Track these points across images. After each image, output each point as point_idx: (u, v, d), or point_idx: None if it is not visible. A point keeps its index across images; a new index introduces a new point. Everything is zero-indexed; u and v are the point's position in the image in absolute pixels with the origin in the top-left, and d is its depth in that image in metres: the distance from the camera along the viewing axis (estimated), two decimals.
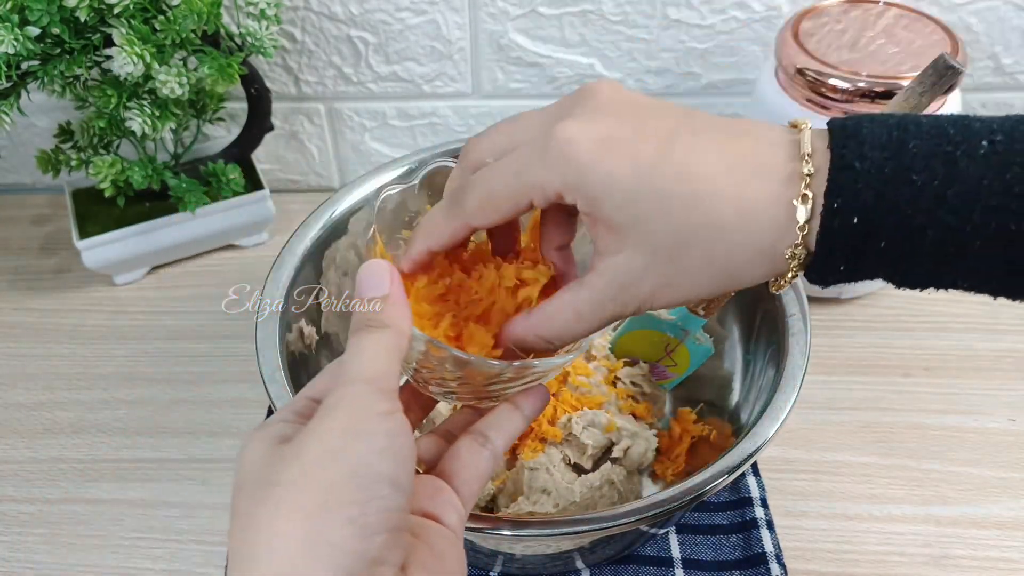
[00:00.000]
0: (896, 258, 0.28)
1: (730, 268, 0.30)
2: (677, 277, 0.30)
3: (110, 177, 0.65)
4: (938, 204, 0.26)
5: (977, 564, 0.51)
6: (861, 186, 0.27)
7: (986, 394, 0.61)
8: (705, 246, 0.29)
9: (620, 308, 0.32)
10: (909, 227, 0.27)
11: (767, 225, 0.28)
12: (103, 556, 0.53)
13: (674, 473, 0.53)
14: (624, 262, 0.30)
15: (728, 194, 0.28)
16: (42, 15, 0.55)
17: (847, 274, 0.29)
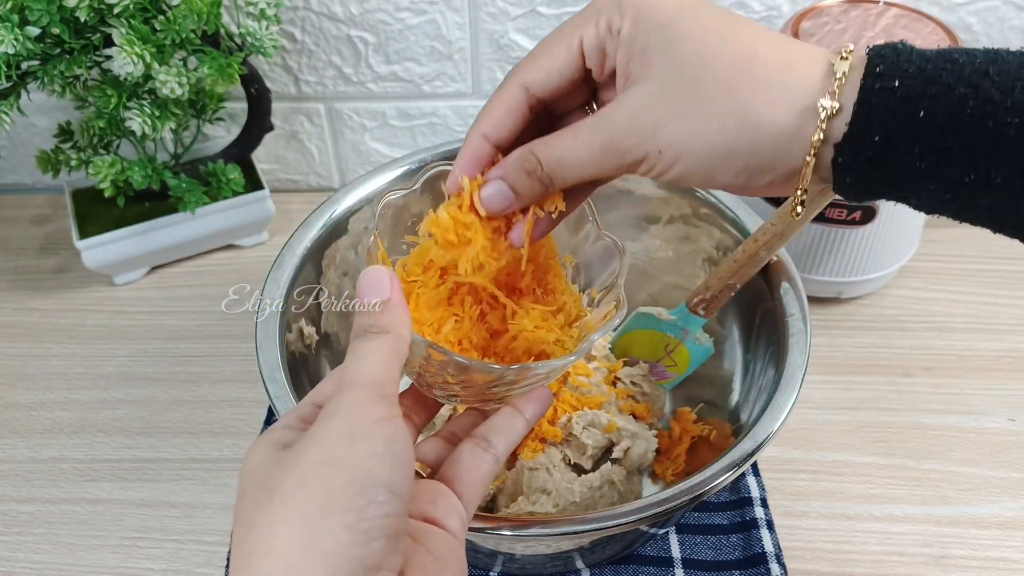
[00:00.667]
0: (933, 137, 0.27)
1: (755, 121, 0.29)
2: (690, 111, 0.30)
3: (110, 177, 0.65)
4: (981, 77, 0.27)
5: (977, 564, 0.51)
6: (903, 60, 0.27)
7: (986, 394, 0.61)
8: (729, 81, 0.29)
9: (630, 139, 0.31)
10: (950, 98, 0.27)
11: (802, 72, 0.29)
12: (103, 556, 0.53)
13: (674, 473, 0.53)
14: (644, 88, 0.30)
15: (768, 49, 0.29)
16: (42, 15, 0.55)
17: (878, 159, 0.28)
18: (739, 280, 0.50)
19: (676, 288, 0.59)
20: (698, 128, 0.30)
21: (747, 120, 0.29)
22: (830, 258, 0.63)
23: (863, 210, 0.59)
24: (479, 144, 0.34)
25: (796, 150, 0.29)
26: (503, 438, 0.35)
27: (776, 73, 0.29)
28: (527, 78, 0.33)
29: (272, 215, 0.73)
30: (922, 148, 0.28)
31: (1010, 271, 0.70)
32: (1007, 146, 0.27)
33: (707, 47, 0.29)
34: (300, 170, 0.81)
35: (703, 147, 0.30)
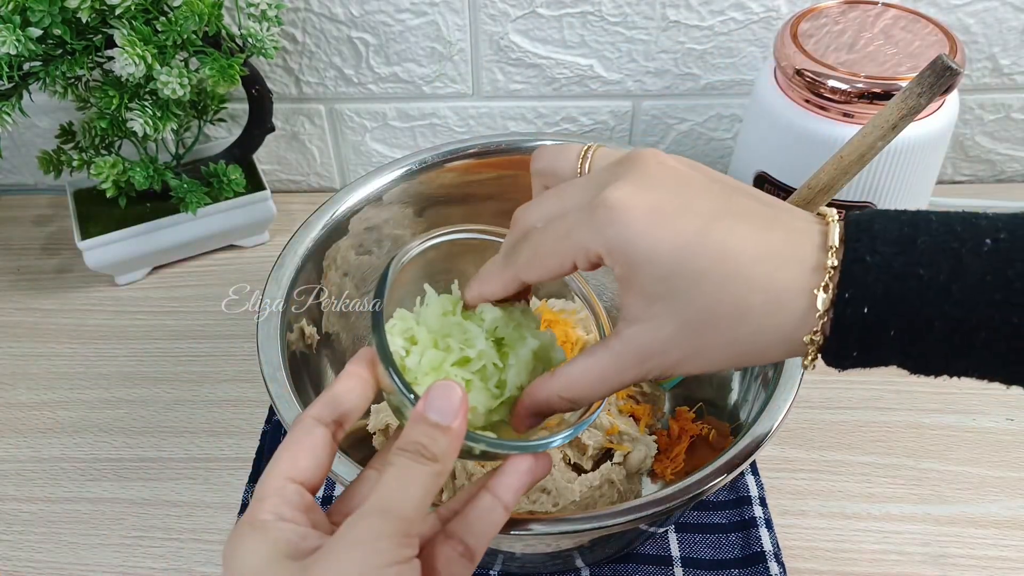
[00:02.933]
0: (906, 347, 0.29)
1: (752, 349, 0.31)
2: (701, 351, 0.31)
3: (112, 178, 0.65)
4: (944, 298, 0.27)
5: (975, 563, 0.51)
6: (871, 279, 0.28)
7: (984, 393, 0.61)
8: (732, 326, 0.30)
9: (642, 374, 0.32)
10: (917, 319, 0.28)
11: (791, 313, 0.30)
12: (104, 555, 0.54)
13: (673, 472, 0.53)
14: (651, 331, 0.31)
15: (759, 281, 0.30)
16: (44, 16, 0.55)
17: (860, 360, 0.30)
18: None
19: None
20: (708, 361, 0.32)
21: (751, 354, 0.31)
22: None
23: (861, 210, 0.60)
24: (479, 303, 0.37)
25: (790, 356, 0.31)
26: (479, 538, 0.33)
27: (770, 317, 0.30)
28: (522, 273, 0.35)
29: (273, 216, 0.73)
30: (897, 357, 0.30)
31: None
32: (978, 353, 0.28)
33: (706, 299, 0.30)
34: (301, 171, 0.81)
35: (709, 368, 0.32)
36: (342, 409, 0.33)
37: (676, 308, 0.30)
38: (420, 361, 0.35)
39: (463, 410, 0.31)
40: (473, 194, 0.60)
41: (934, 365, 0.30)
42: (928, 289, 0.28)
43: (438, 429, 0.30)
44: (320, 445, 0.32)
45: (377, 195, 0.57)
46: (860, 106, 0.54)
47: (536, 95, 0.74)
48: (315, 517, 0.31)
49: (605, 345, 0.33)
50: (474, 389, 0.35)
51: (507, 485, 0.33)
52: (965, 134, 0.75)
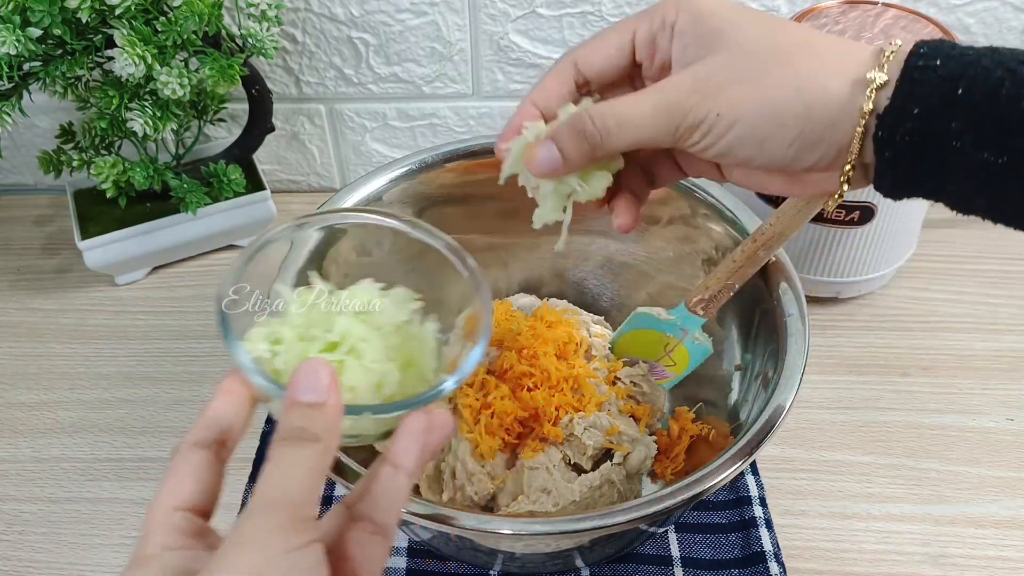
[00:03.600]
0: (970, 112, 0.29)
1: (806, 79, 0.31)
2: (752, 73, 0.32)
3: (112, 178, 0.65)
4: (1018, 64, 0.28)
5: (975, 563, 0.51)
6: (947, 46, 0.29)
7: (984, 394, 0.61)
8: (794, 54, 0.31)
9: (692, 105, 0.32)
10: (988, 79, 0.28)
11: (854, 53, 0.31)
12: (105, 555, 0.54)
13: (673, 472, 0.53)
14: (707, 60, 0.32)
15: (820, 35, 0.32)
16: (44, 16, 0.55)
17: (920, 125, 0.30)
18: (738, 280, 0.50)
19: (675, 288, 0.59)
20: (758, 91, 0.32)
21: (804, 85, 0.31)
22: (829, 258, 0.63)
23: (861, 210, 0.60)
24: (527, 110, 0.37)
25: (846, 121, 0.31)
26: (386, 512, 0.31)
27: (831, 50, 0.31)
28: (579, 55, 0.35)
29: (273, 216, 0.73)
30: (959, 125, 0.29)
31: (1008, 271, 0.70)
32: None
33: (768, 30, 0.32)
34: (301, 171, 0.81)
35: (760, 110, 0.32)
36: (220, 428, 0.31)
37: (734, 38, 0.31)
38: (288, 358, 0.33)
39: (334, 384, 0.29)
40: (473, 194, 0.60)
41: (989, 153, 0.29)
42: (1002, 56, 0.29)
43: (312, 408, 0.28)
44: (203, 468, 0.30)
45: (377, 195, 0.57)
46: None
47: None
48: (212, 540, 0.30)
49: (658, 84, 0.33)
50: (348, 369, 0.33)
51: (404, 449, 0.31)
52: None
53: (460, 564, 0.51)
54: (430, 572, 0.51)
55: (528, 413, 0.52)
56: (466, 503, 0.51)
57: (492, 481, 0.52)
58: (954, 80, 0.29)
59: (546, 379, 0.53)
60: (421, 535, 0.49)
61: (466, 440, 0.52)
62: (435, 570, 0.51)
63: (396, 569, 0.51)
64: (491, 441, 0.52)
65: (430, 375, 0.35)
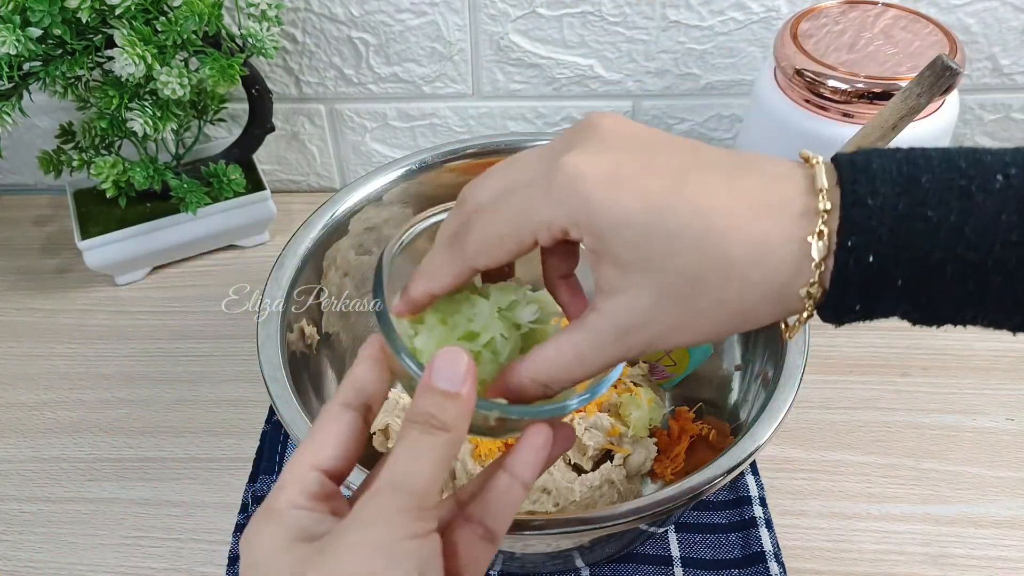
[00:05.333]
0: (914, 296, 0.27)
1: (743, 309, 0.28)
2: (687, 319, 0.29)
3: (112, 178, 0.65)
4: (956, 240, 0.25)
5: (975, 563, 0.51)
6: (875, 223, 0.26)
7: (984, 393, 0.61)
8: (717, 286, 0.28)
9: (624, 351, 0.30)
10: (927, 264, 0.26)
11: (781, 263, 0.27)
12: (104, 555, 0.54)
13: (673, 472, 0.53)
14: (629, 303, 0.29)
15: (741, 231, 0.27)
16: (44, 16, 0.55)
17: (863, 313, 0.28)
18: None
19: None
20: (696, 330, 0.29)
21: (743, 315, 0.29)
22: None
23: None
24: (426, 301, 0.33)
25: (786, 314, 0.29)
26: (498, 519, 0.31)
27: (757, 269, 0.27)
28: (477, 265, 0.32)
29: (273, 216, 0.73)
30: (903, 307, 0.28)
31: None
32: (992, 298, 0.26)
33: (684, 260, 0.28)
34: (301, 171, 0.81)
35: (700, 339, 0.30)
36: (367, 391, 0.32)
37: (653, 274, 0.28)
38: (428, 339, 0.34)
39: (471, 376, 0.29)
40: None
41: (941, 314, 0.28)
42: (938, 231, 0.25)
43: (446, 396, 0.29)
44: (347, 431, 0.31)
45: (377, 195, 0.57)
46: (860, 106, 0.54)
47: (536, 95, 0.74)
48: (336, 505, 0.30)
49: (581, 322, 0.30)
50: (483, 362, 0.34)
51: (523, 461, 0.31)
52: (965, 134, 0.75)
53: None
54: None
55: None
56: None
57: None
58: (891, 270, 0.26)
59: None
60: None
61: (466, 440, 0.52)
62: None
63: None
64: (491, 443, 0.52)
65: None
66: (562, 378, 0.31)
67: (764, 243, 0.27)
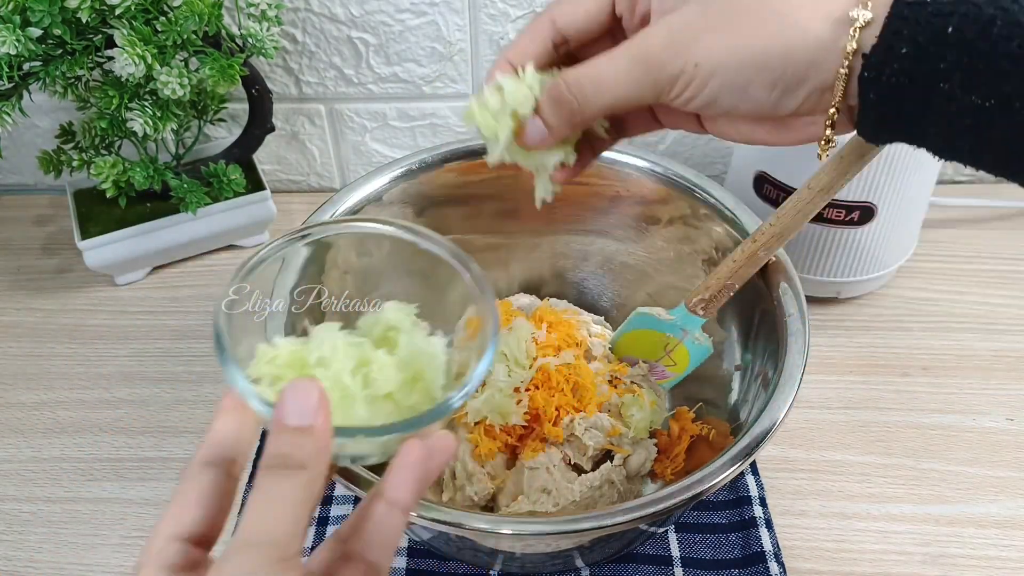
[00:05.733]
0: (960, 52, 0.27)
1: (785, 20, 0.29)
2: (727, 18, 0.30)
3: (112, 178, 0.65)
4: (1010, 2, 0.26)
5: (975, 563, 0.51)
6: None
7: (984, 393, 0.61)
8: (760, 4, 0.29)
9: (660, 72, 0.31)
10: (979, 17, 0.27)
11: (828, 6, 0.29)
12: (104, 555, 0.54)
13: (673, 472, 0.53)
14: (681, 11, 0.31)
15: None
16: (44, 16, 0.55)
17: (908, 65, 0.28)
18: (738, 280, 0.50)
19: (675, 288, 0.59)
20: (734, 37, 0.30)
21: (782, 26, 0.30)
22: (828, 258, 0.63)
23: (861, 210, 0.60)
24: (503, 68, 0.36)
25: (829, 60, 0.29)
26: (380, 550, 0.29)
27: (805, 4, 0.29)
28: (556, 12, 0.34)
29: (273, 216, 0.73)
30: (948, 65, 0.28)
31: (1008, 271, 0.70)
32: None
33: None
34: (301, 171, 0.81)
35: (739, 56, 0.30)
36: (228, 445, 0.30)
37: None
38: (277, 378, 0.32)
39: (323, 405, 0.27)
40: (473, 194, 0.60)
41: (977, 96, 0.28)
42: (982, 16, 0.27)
43: (299, 432, 0.27)
44: (209, 491, 0.29)
45: (377, 195, 0.57)
46: None
47: None
48: (202, 572, 0.28)
49: (628, 41, 0.32)
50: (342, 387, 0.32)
51: (398, 483, 0.29)
52: None
53: (460, 564, 0.51)
54: (430, 572, 0.51)
55: (529, 414, 0.52)
56: (466, 503, 0.51)
57: (492, 481, 0.52)
58: (944, 17, 0.27)
59: (546, 380, 0.53)
60: (421, 535, 0.48)
61: (466, 440, 0.52)
62: (435, 570, 0.51)
63: (396, 569, 0.51)
64: (491, 443, 0.52)
65: (437, 392, 0.33)
66: (607, 81, 0.32)
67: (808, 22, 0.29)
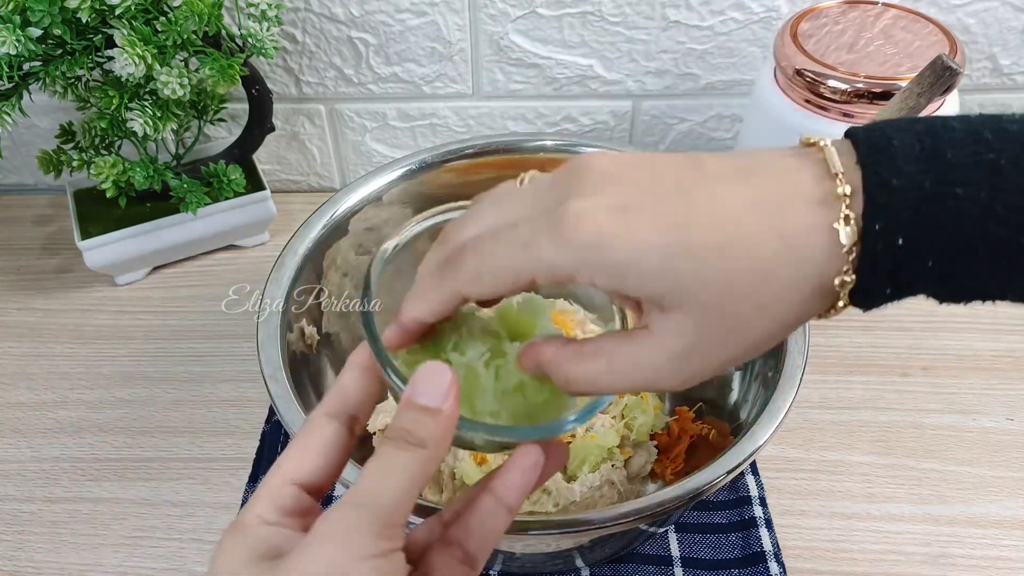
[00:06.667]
0: (945, 276, 0.26)
1: (783, 310, 0.27)
2: (732, 335, 0.27)
3: (112, 178, 0.65)
4: (987, 217, 0.24)
5: (975, 563, 0.51)
6: (901, 205, 0.25)
7: (984, 393, 0.61)
8: (753, 292, 0.26)
9: (690, 375, 0.28)
10: (957, 244, 0.25)
11: (812, 254, 0.26)
12: (104, 555, 0.54)
13: (673, 472, 0.53)
14: (675, 329, 0.27)
15: (764, 231, 0.26)
16: (44, 16, 0.55)
17: (894, 295, 0.27)
18: None
19: None
20: (747, 340, 0.28)
21: (785, 317, 0.28)
22: None
23: None
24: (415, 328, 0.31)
25: (827, 308, 0.29)
26: (480, 544, 0.29)
27: (790, 268, 0.26)
28: (469, 293, 0.30)
29: (273, 216, 0.73)
30: (932, 287, 0.27)
31: None
32: (1022, 275, 0.25)
33: (714, 274, 0.26)
34: (301, 171, 0.81)
35: (754, 350, 0.29)
36: (353, 401, 0.31)
37: (688, 297, 0.27)
38: (416, 353, 0.32)
39: (453, 392, 0.28)
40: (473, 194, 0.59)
41: (971, 290, 0.27)
42: (968, 209, 0.24)
43: (426, 413, 0.28)
44: (330, 442, 0.30)
45: (377, 195, 0.57)
46: (860, 106, 0.54)
47: (536, 95, 0.74)
48: (309, 521, 0.29)
49: (637, 337, 0.28)
50: (474, 379, 0.32)
51: (510, 484, 0.30)
52: None
53: None
54: None
55: None
56: None
57: None
58: (923, 252, 0.25)
59: None
60: None
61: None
62: None
63: None
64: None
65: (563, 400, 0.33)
66: (603, 387, 0.30)
67: (791, 237, 0.26)
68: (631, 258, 0.26)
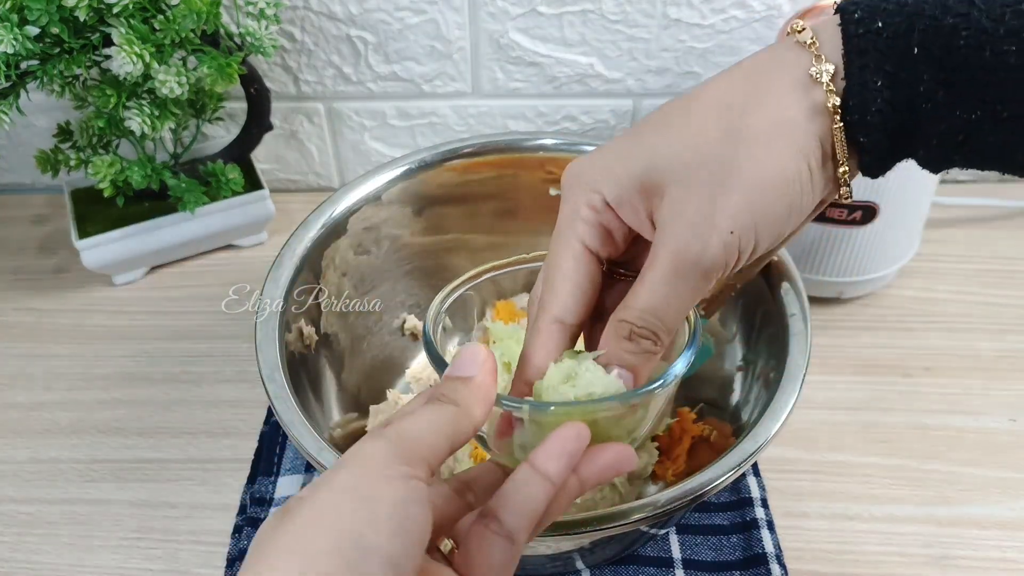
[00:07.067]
0: (933, 69, 0.26)
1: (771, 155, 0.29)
2: (723, 185, 0.29)
3: (109, 177, 0.65)
4: (968, 6, 0.26)
5: (978, 564, 0.51)
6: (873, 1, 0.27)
7: (987, 394, 0.61)
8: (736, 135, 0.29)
9: (701, 248, 0.29)
10: (941, 30, 0.26)
11: (789, 76, 0.29)
12: (103, 556, 0.53)
13: (674, 473, 0.53)
14: (669, 207, 0.30)
15: (737, 80, 0.30)
16: (41, 15, 0.54)
17: (886, 96, 0.27)
18: (740, 280, 0.50)
19: None
20: (738, 192, 0.29)
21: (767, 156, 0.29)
22: (831, 258, 0.63)
23: (863, 210, 0.59)
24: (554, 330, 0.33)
25: (822, 137, 0.29)
26: (515, 513, 0.28)
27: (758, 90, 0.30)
28: (557, 313, 0.32)
29: (272, 215, 0.73)
30: (926, 86, 0.27)
31: (1011, 271, 0.70)
32: (1009, 76, 0.26)
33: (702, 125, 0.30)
34: (299, 170, 0.81)
35: (755, 205, 0.29)
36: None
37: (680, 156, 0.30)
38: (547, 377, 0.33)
39: (487, 365, 0.30)
40: (473, 194, 0.60)
41: (962, 111, 0.27)
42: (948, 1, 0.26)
43: (459, 380, 0.30)
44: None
45: (376, 194, 0.57)
46: None
47: (536, 94, 0.74)
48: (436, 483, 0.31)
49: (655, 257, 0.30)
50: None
51: (549, 450, 0.29)
52: None
53: None
54: None
55: None
56: None
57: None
58: (905, 37, 0.26)
59: None
60: None
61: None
62: None
63: None
64: None
65: None
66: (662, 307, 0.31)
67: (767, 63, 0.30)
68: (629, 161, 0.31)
